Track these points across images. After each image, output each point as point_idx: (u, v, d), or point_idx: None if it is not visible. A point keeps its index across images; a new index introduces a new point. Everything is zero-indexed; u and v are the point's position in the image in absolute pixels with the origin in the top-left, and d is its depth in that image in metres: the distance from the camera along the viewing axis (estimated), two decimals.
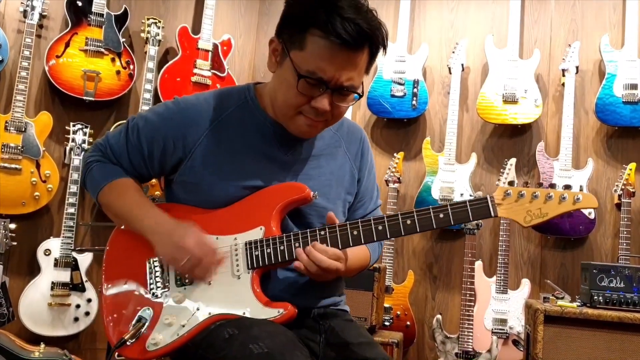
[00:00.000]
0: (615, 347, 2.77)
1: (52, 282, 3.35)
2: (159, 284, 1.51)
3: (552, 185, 1.43)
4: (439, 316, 3.22)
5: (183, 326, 1.45)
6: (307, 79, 1.37)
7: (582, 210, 3.43)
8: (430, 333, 3.34)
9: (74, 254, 3.42)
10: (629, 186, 3.33)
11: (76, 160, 3.44)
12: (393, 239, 3.38)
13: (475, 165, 3.58)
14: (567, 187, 1.52)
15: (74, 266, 3.41)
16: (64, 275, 3.39)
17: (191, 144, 1.52)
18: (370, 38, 1.36)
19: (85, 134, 3.48)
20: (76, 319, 3.42)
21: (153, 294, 1.51)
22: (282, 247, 1.45)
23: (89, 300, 3.44)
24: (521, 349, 3.27)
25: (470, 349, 3.07)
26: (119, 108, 3.69)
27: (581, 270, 3.12)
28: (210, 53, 3.82)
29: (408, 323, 3.48)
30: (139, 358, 1.46)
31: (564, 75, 3.55)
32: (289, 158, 1.56)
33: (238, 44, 4.01)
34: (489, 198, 1.38)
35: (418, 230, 1.40)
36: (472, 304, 3.08)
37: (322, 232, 1.44)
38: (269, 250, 1.45)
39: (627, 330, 2.75)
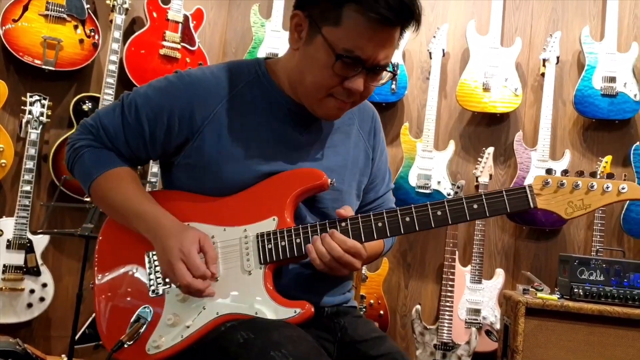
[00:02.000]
0: (594, 341, 2.77)
1: (4, 265, 3.12)
2: (160, 280, 1.35)
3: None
4: (418, 306, 3.15)
5: (188, 327, 1.30)
6: (345, 58, 1.24)
7: None
8: (409, 323, 3.28)
9: (29, 235, 3.18)
10: None
11: (33, 134, 3.18)
12: None
13: (453, 153, 3.52)
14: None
15: (28, 248, 3.18)
16: (18, 258, 3.16)
17: (199, 123, 1.36)
18: (411, 13, 1.25)
19: (43, 106, 3.22)
20: (29, 305, 3.19)
21: (153, 290, 1.35)
22: (298, 240, 1.32)
23: (44, 285, 3.22)
24: (494, 339, 3.26)
25: (449, 341, 3.02)
26: (81, 80, 3.44)
27: (559, 262, 3.11)
28: (180, 25, 3.60)
29: (381, 312, 3.41)
30: None
31: (544, 65, 3.52)
32: (305, 139, 1.43)
33: (209, 16, 3.79)
34: (527, 188, 1.29)
35: (450, 222, 1.30)
36: (452, 294, 3.03)
37: (343, 224, 1.32)
38: (283, 243, 1.32)
39: (607, 323, 2.76)
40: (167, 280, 1.34)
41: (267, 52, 3.68)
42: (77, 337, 2.77)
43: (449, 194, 3.38)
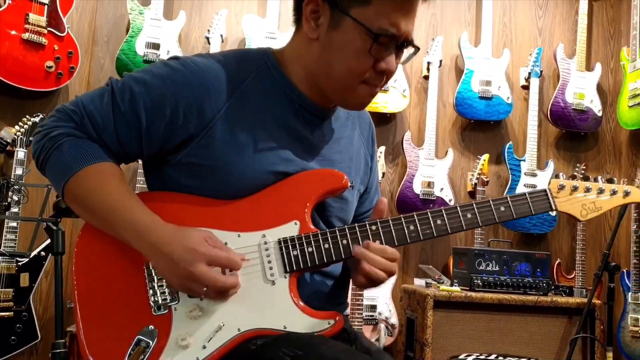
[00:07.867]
0: (494, 327, 2.95)
1: None
2: (164, 294, 1.15)
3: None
4: None
5: (204, 347, 1.12)
6: (382, 37, 1.15)
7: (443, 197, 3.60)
8: None
9: None
10: (483, 175, 3.58)
11: None
12: None
13: None
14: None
15: None
16: None
17: (209, 118, 1.18)
18: None
19: None
20: None
21: (158, 306, 1.14)
22: (326, 245, 1.20)
23: None
24: (389, 334, 3.33)
25: None
26: None
27: (454, 255, 3.27)
28: (46, 7, 3.18)
29: None
30: None
31: (427, 69, 3.68)
32: (315, 139, 1.30)
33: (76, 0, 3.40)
34: (548, 191, 1.32)
35: (480, 224, 1.28)
36: (362, 294, 3.03)
37: (374, 227, 1.23)
38: (310, 250, 1.19)
39: (504, 310, 2.96)
40: (174, 293, 1.14)
41: (147, 42, 3.39)
42: None
43: None
